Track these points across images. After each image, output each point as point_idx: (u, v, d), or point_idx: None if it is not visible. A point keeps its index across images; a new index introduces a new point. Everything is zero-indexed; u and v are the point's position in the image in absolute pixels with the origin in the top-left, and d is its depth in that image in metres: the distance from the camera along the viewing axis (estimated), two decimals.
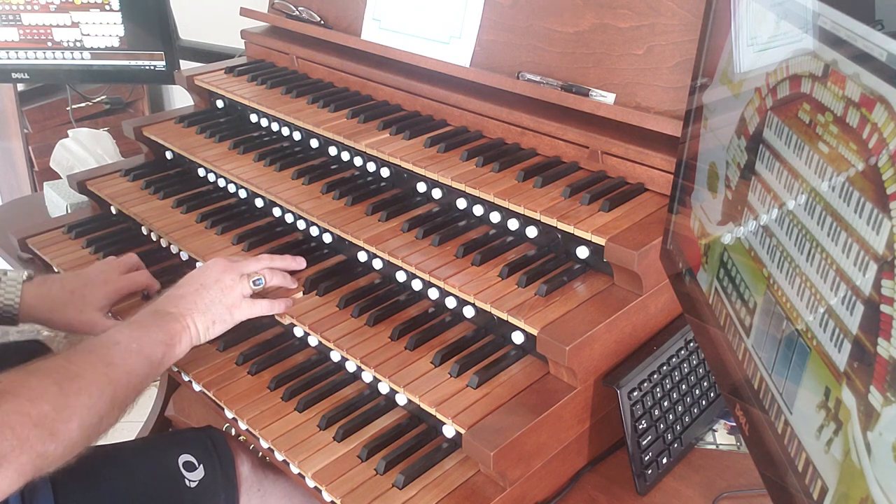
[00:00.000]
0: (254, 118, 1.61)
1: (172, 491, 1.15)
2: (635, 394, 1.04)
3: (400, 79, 1.49)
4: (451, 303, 1.15)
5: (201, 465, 1.18)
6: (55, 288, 1.21)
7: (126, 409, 0.98)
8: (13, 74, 2.03)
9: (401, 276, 1.22)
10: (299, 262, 1.25)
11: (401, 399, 1.10)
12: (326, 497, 0.99)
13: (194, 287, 1.12)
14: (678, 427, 1.09)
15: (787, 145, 0.72)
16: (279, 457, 1.06)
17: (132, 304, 1.31)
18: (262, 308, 1.16)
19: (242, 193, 1.49)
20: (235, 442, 1.26)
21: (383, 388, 1.12)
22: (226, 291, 1.13)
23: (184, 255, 1.41)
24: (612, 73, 1.24)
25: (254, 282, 1.16)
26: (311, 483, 1.02)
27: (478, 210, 1.23)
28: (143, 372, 0.99)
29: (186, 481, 1.16)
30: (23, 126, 2.76)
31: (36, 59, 2.00)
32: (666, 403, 1.08)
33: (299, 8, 1.71)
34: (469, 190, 1.21)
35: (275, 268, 1.20)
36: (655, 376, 1.07)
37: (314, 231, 1.34)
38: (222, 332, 1.13)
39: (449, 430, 1.02)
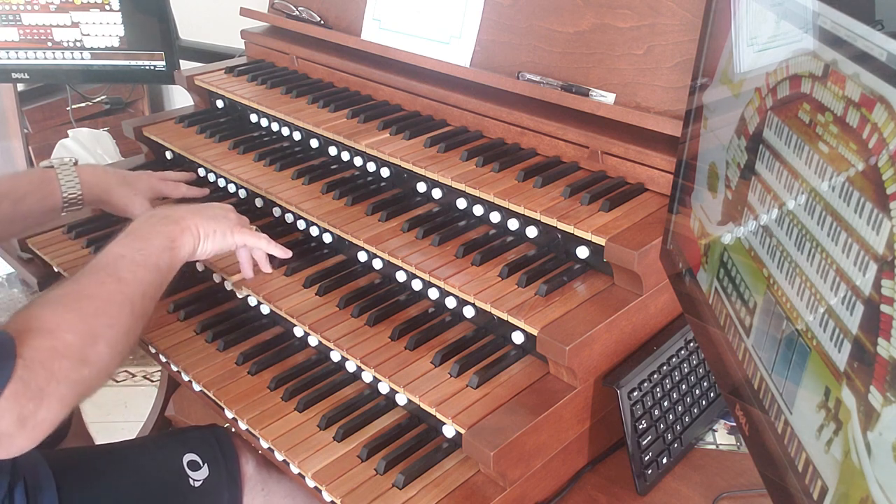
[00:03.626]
0: (254, 118, 1.61)
1: (176, 490, 1.14)
2: (635, 394, 1.04)
3: (400, 79, 1.49)
4: (451, 303, 1.14)
5: (206, 465, 1.18)
6: (109, 171, 1.34)
7: (147, 316, 1.00)
8: (13, 74, 2.03)
9: (401, 276, 1.22)
10: (286, 252, 1.26)
11: (401, 399, 1.10)
12: (326, 497, 0.99)
13: (197, 205, 1.17)
14: (678, 427, 1.09)
15: (787, 145, 0.72)
16: (279, 457, 1.06)
17: None
18: (260, 240, 1.19)
19: (242, 193, 1.49)
20: (240, 440, 1.25)
21: (383, 388, 1.12)
22: (229, 214, 1.17)
23: None
24: (612, 73, 1.24)
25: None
26: (310, 483, 1.02)
27: (478, 210, 1.23)
28: (153, 280, 1.01)
29: (191, 481, 1.15)
30: (23, 126, 2.76)
31: (36, 59, 2.00)
32: (666, 403, 1.08)
33: (299, 8, 1.71)
34: (469, 190, 1.21)
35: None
36: (655, 376, 1.07)
37: (314, 231, 1.34)
38: (220, 249, 1.15)
39: (449, 430, 1.02)
